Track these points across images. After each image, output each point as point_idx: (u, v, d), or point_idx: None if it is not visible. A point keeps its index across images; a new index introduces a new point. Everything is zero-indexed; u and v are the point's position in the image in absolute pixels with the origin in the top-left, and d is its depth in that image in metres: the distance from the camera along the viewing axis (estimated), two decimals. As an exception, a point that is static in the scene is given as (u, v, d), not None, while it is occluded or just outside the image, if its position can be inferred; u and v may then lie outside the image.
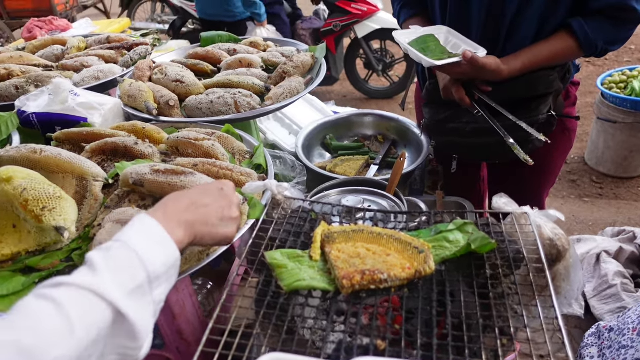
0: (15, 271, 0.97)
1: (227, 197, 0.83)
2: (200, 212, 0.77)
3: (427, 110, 1.63)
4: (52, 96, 1.47)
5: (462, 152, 1.61)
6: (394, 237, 0.89)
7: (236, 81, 1.61)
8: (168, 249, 0.69)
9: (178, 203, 0.76)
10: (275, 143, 1.91)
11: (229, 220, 0.81)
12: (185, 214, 0.74)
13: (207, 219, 0.77)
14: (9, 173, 1.01)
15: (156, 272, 0.65)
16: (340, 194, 1.55)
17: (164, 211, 0.73)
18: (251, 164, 1.21)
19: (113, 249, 0.65)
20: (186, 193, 0.80)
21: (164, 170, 1.02)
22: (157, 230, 0.69)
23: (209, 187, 0.83)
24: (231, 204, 0.83)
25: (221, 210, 0.80)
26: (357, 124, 2.04)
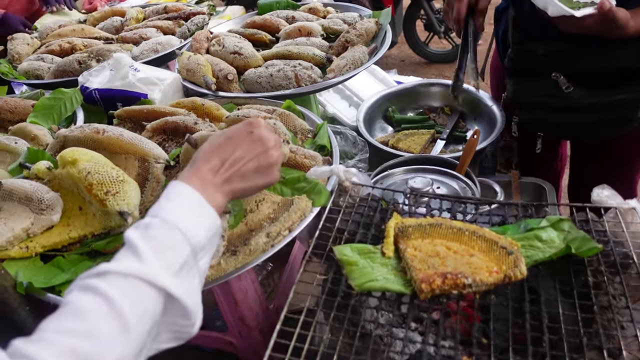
0: (82, 254, 0.98)
1: (260, 141, 0.74)
2: (235, 168, 0.71)
3: (511, 82, 1.43)
4: (113, 72, 1.46)
5: (550, 129, 1.43)
6: (477, 233, 0.79)
7: (296, 52, 1.52)
8: (209, 218, 0.66)
9: (209, 163, 0.71)
10: (335, 116, 1.82)
11: (266, 168, 0.75)
12: (220, 174, 0.70)
13: (243, 174, 0.72)
14: (74, 155, 1.00)
15: (200, 243, 0.63)
16: (406, 173, 1.45)
17: (199, 175, 0.69)
18: (314, 144, 1.14)
19: (153, 227, 0.61)
20: (214, 148, 0.73)
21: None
22: (196, 200, 0.66)
23: (237, 135, 0.74)
24: (266, 149, 0.75)
25: (256, 160, 0.74)
26: (422, 95, 1.90)
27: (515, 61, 1.32)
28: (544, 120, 1.34)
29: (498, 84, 1.74)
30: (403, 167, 1.46)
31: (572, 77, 1.22)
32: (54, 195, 0.98)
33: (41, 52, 1.89)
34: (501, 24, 1.50)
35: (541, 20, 1.13)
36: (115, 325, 0.53)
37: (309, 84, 1.40)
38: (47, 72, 1.74)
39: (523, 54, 1.29)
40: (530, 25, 1.28)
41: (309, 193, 0.96)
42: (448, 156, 1.49)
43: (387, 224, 0.84)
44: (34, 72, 1.75)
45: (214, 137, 0.76)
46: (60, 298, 0.85)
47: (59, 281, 0.87)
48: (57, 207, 0.98)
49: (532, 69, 1.29)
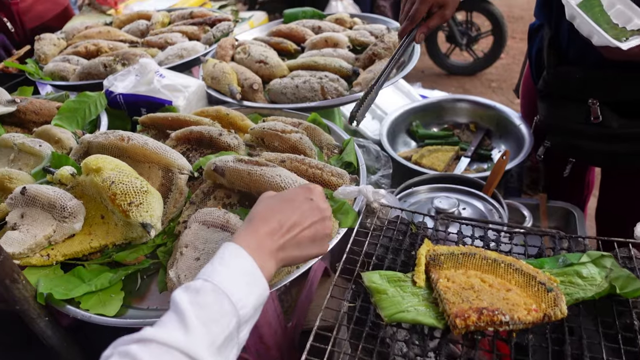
0: (102, 264, 0.96)
1: (318, 209, 0.73)
2: (292, 234, 0.69)
3: (544, 105, 1.37)
4: (138, 77, 1.45)
5: (583, 156, 1.37)
6: (513, 266, 0.75)
7: (322, 63, 1.50)
8: (259, 287, 0.64)
9: (267, 224, 0.68)
10: (357, 129, 1.79)
11: (322, 238, 0.73)
12: (276, 240, 0.68)
13: (298, 242, 0.70)
14: (98, 163, 0.98)
15: (247, 315, 0.61)
16: (430, 192, 1.42)
17: (256, 239, 0.66)
18: (340, 161, 1.11)
19: (204, 293, 0.59)
20: (274, 209, 0.71)
21: (247, 160, 0.96)
22: (250, 268, 0.64)
23: (297, 199, 0.73)
24: (324, 218, 0.73)
25: (313, 228, 0.71)
26: (447, 110, 1.87)
27: (550, 84, 1.27)
28: (578, 146, 1.29)
29: (529, 103, 1.70)
30: (427, 185, 1.43)
31: (610, 104, 1.17)
32: (77, 203, 0.97)
33: (67, 53, 1.90)
34: (535, 42, 1.45)
35: (581, 43, 1.09)
36: None
37: (335, 97, 1.38)
38: (72, 73, 1.74)
39: (559, 77, 1.24)
40: (568, 48, 1.24)
41: (336, 213, 0.93)
42: (474, 176, 1.45)
43: (418, 251, 0.80)
44: (59, 74, 1.76)
45: (271, 197, 0.74)
46: (80, 311, 0.83)
47: (78, 293, 0.86)
48: (80, 215, 0.97)
49: (568, 93, 1.24)
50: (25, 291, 0.81)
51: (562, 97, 1.26)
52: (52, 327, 0.86)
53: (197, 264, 0.83)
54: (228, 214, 0.87)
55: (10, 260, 0.78)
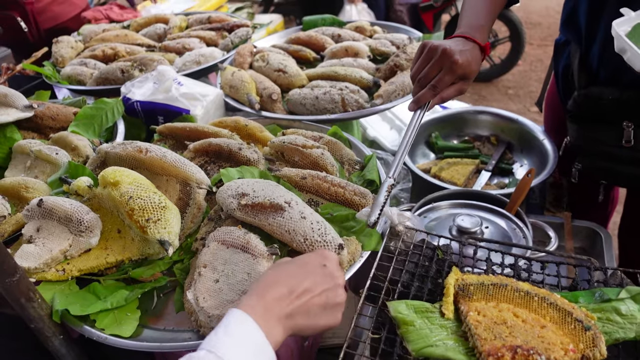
0: (119, 280, 0.94)
1: (331, 276, 0.70)
2: (302, 301, 0.66)
3: (574, 127, 1.30)
4: (156, 84, 1.43)
5: (615, 180, 1.32)
6: (547, 300, 0.72)
7: (342, 74, 1.47)
8: (266, 356, 0.60)
9: (276, 289, 0.65)
10: (375, 140, 1.76)
11: (333, 307, 0.69)
12: (285, 306, 0.65)
13: (308, 309, 0.67)
14: (116, 176, 0.96)
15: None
16: (451, 208, 1.38)
17: (263, 305, 0.63)
18: (362, 178, 1.08)
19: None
20: (284, 274, 0.68)
21: (252, 205, 0.88)
22: (256, 337, 0.61)
23: (309, 264, 0.70)
24: (336, 286, 0.70)
25: (325, 296, 0.68)
26: (467, 122, 1.82)
27: (581, 105, 1.21)
28: (610, 169, 1.23)
29: (554, 118, 1.65)
30: (448, 201, 1.40)
31: None
32: (93, 216, 0.95)
33: (84, 57, 1.89)
34: (562, 58, 1.41)
35: (614, 64, 1.04)
36: None
37: (356, 109, 1.35)
38: (90, 77, 1.73)
39: (590, 98, 1.18)
40: (599, 68, 1.19)
41: (358, 234, 0.90)
42: (497, 192, 1.41)
43: (445, 280, 0.77)
44: (77, 77, 1.75)
45: (283, 262, 0.72)
46: (95, 331, 0.81)
47: (94, 310, 0.84)
48: (97, 229, 0.95)
49: (600, 115, 1.19)
50: (41, 310, 0.79)
51: (593, 119, 1.21)
52: (66, 345, 0.84)
53: (217, 286, 0.80)
54: (249, 235, 0.84)
55: (27, 278, 0.76)
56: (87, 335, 0.81)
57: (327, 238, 0.80)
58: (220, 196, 0.93)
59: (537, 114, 3.97)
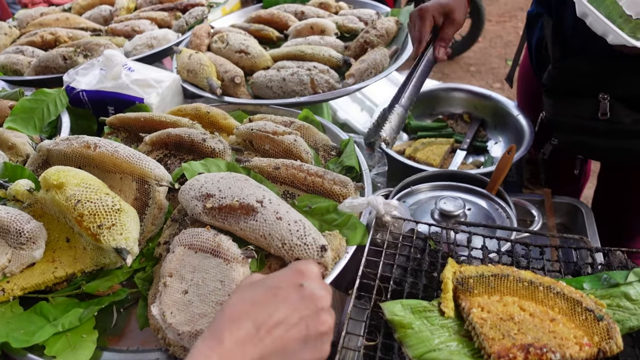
0: (70, 296, 0.82)
1: (311, 298, 0.54)
2: (273, 336, 0.51)
3: (550, 101, 1.26)
4: (103, 71, 1.28)
5: (592, 154, 1.29)
6: (553, 289, 0.66)
7: (310, 53, 1.37)
8: None
9: (239, 328, 0.51)
10: (347, 122, 1.67)
11: (316, 339, 0.54)
12: (252, 347, 0.50)
13: (284, 346, 0.52)
14: (60, 178, 0.84)
15: None
16: (431, 191, 1.32)
17: (221, 353, 0.49)
18: (340, 165, 0.99)
19: None
20: (249, 305, 0.53)
21: (220, 207, 0.77)
22: None
23: (282, 287, 0.55)
24: (318, 311, 0.54)
25: (304, 326, 0.53)
26: (440, 100, 1.76)
27: (556, 79, 1.17)
28: (586, 144, 1.20)
29: (527, 93, 1.62)
30: (427, 184, 1.33)
31: (622, 99, 1.09)
32: (36, 225, 0.82)
33: (20, 44, 1.70)
34: (535, 31, 1.36)
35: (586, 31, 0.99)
36: None
37: (327, 90, 1.26)
38: (28, 67, 1.55)
39: (565, 72, 1.14)
40: (573, 37, 1.15)
41: (341, 227, 0.82)
42: (476, 172, 1.36)
43: (442, 274, 0.70)
44: (12, 67, 1.56)
45: (249, 285, 0.56)
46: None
47: (41, 338, 0.72)
48: (40, 240, 0.82)
49: (576, 88, 1.15)
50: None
51: (568, 93, 1.17)
52: (11, 378, 0.72)
53: (186, 298, 0.70)
54: (219, 236, 0.74)
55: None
56: (35, 366, 0.69)
57: (308, 240, 0.71)
58: (183, 198, 0.82)
59: (500, 90, 4.00)
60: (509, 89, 4.08)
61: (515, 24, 5.12)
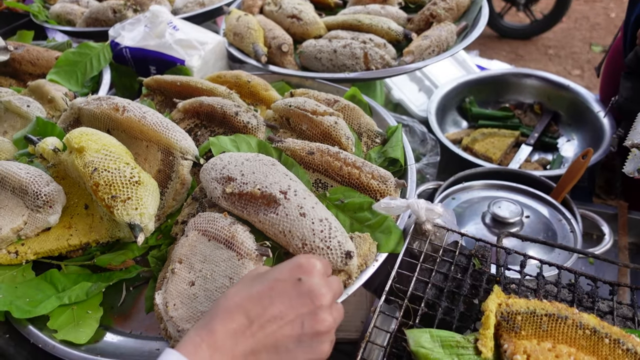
0: (83, 266, 0.79)
1: (309, 295, 0.51)
2: (267, 332, 0.49)
3: (628, 84, 1.12)
4: (148, 28, 1.22)
5: None
6: (623, 345, 0.53)
7: (367, 23, 1.24)
8: None
9: (232, 320, 0.49)
10: (401, 102, 1.54)
11: (312, 338, 0.50)
12: (243, 341, 0.48)
13: (277, 343, 0.49)
14: (81, 141, 0.79)
15: None
16: (486, 189, 1.18)
17: (212, 343, 0.47)
18: (383, 155, 0.88)
19: None
20: (245, 298, 0.50)
21: (240, 194, 0.70)
22: None
23: (279, 281, 0.51)
24: (316, 310, 0.50)
25: (299, 324, 0.50)
26: (509, 86, 1.58)
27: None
28: None
29: (610, 83, 1.41)
30: (482, 181, 1.19)
31: None
32: (54, 189, 0.79)
33: (77, -7, 1.68)
34: (637, 7, 1.15)
35: None
36: None
37: (380, 67, 1.13)
38: (80, 17, 1.53)
39: None
40: None
41: (374, 229, 0.72)
42: (541, 174, 1.20)
43: (484, 304, 0.59)
44: (66, 17, 1.55)
45: (250, 278, 0.54)
46: (42, 336, 0.66)
47: (47, 309, 0.69)
48: (57, 204, 0.78)
49: None
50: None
51: None
52: (14, 345, 0.70)
53: (191, 291, 0.64)
54: (235, 226, 0.67)
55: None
56: (33, 340, 0.66)
57: (332, 244, 0.62)
58: (203, 178, 0.75)
59: (579, 78, 3.63)
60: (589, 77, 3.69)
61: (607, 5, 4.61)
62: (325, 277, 0.53)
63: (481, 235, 1.00)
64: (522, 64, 3.89)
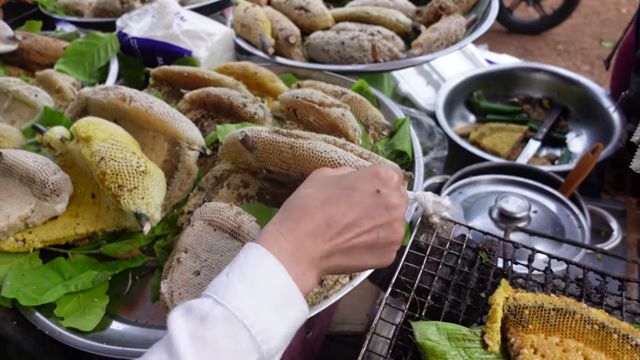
0: (90, 255, 0.79)
1: (387, 207, 0.51)
2: (345, 238, 0.49)
3: (638, 78, 1.11)
4: (155, 18, 1.22)
5: None
6: (631, 340, 0.53)
7: (375, 15, 1.23)
8: (295, 310, 0.46)
9: (311, 220, 0.49)
10: (408, 96, 1.53)
11: (385, 247, 0.52)
12: (321, 243, 0.48)
13: (351, 248, 0.50)
14: (88, 131, 0.79)
15: (271, 350, 0.44)
16: (493, 184, 1.18)
17: (293, 241, 0.48)
18: (390, 148, 0.88)
19: (212, 322, 0.42)
20: (323, 201, 0.50)
21: (286, 133, 0.74)
22: (282, 283, 0.46)
23: (357, 189, 0.51)
24: (392, 221, 0.51)
25: (375, 234, 0.50)
26: (518, 81, 1.57)
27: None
28: None
29: (620, 78, 1.39)
30: (490, 176, 1.19)
31: None
32: (61, 177, 0.79)
33: (85, -17, 1.67)
34: None
35: None
36: None
37: (388, 60, 1.12)
38: (88, 8, 1.53)
39: None
40: None
41: (381, 221, 0.71)
42: (550, 169, 1.19)
43: (491, 298, 0.58)
44: (74, 7, 1.54)
45: (325, 177, 0.54)
46: (49, 323, 0.66)
47: (53, 296, 0.69)
48: (64, 193, 0.78)
49: None
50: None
51: None
52: (22, 332, 0.71)
53: (196, 280, 0.64)
54: (242, 216, 0.66)
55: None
56: (40, 327, 0.66)
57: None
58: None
59: (588, 74, 3.59)
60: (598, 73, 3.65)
61: (618, 0, 4.55)
62: (400, 190, 0.54)
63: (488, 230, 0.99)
64: (531, 59, 3.85)
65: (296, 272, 0.46)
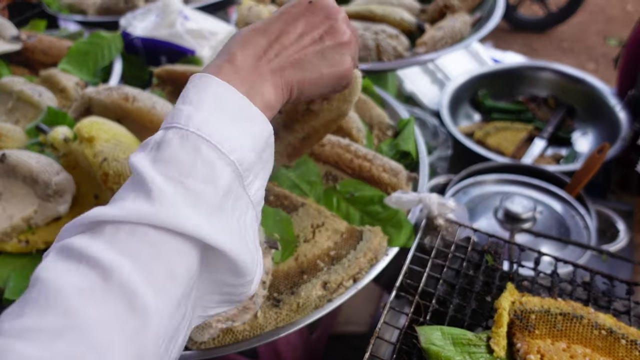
0: (93, 256, 0.79)
1: (324, 11, 0.51)
2: (289, 52, 0.49)
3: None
4: (159, 17, 1.22)
5: None
6: (638, 345, 0.52)
7: (380, 14, 1.22)
8: (254, 122, 0.44)
9: (250, 45, 0.48)
10: (412, 95, 1.52)
11: (334, 50, 0.51)
12: (267, 61, 0.47)
13: (299, 60, 0.49)
14: (92, 131, 0.79)
15: (243, 160, 0.42)
16: (498, 184, 1.17)
17: (232, 64, 0.46)
18: (394, 148, 0.87)
19: (168, 145, 0.40)
20: (258, 27, 0.49)
21: None
22: (231, 98, 0.44)
23: (289, 8, 0.51)
24: (334, 23, 0.51)
25: (318, 37, 0.50)
26: (523, 80, 1.55)
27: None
28: None
29: (627, 77, 1.38)
30: (494, 175, 1.18)
31: None
32: (64, 178, 0.79)
33: (89, -18, 1.67)
34: None
35: None
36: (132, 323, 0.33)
37: (393, 58, 1.11)
38: (92, 7, 1.53)
39: None
40: None
41: (385, 223, 0.71)
42: (556, 169, 1.18)
43: (497, 302, 0.58)
44: (78, 7, 1.55)
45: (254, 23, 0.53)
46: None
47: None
48: (67, 194, 0.78)
49: None
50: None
51: None
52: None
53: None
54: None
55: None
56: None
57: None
58: None
59: (594, 72, 3.57)
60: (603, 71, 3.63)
61: (624, -3, 4.51)
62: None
63: (493, 231, 0.98)
64: (536, 56, 3.82)
65: (244, 86, 0.45)
